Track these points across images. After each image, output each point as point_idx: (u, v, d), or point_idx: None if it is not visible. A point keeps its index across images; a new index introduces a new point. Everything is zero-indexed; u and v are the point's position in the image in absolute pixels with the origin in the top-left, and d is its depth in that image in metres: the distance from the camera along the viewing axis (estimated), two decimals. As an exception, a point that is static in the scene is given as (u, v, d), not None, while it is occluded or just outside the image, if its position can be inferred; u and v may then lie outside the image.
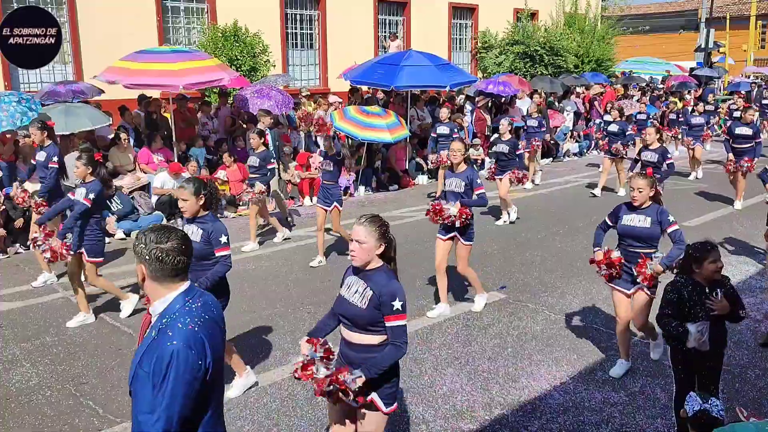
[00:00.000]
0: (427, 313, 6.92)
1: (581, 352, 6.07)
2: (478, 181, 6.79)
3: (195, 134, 12.63)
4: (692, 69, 26.92)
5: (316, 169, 12.96)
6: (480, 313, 7.00)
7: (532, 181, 14.28)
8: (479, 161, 16.00)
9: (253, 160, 9.40)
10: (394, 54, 15.48)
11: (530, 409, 5.04)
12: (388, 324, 3.40)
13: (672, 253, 5.20)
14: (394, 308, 3.38)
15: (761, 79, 27.27)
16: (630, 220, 5.44)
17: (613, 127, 13.05)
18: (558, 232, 10.34)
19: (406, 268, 8.55)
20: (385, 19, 20.06)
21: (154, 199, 11.10)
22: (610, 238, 5.77)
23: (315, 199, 8.98)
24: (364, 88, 15.92)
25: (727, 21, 31.73)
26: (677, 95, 21.54)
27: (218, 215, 11.54)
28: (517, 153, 11.20)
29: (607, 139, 13.05)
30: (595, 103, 19.33)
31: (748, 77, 26.54)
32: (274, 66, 16.06)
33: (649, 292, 5.42)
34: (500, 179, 11.05)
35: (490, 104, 17.56)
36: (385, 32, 20.00)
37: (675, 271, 4.79)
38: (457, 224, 6.63)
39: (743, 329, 6.44)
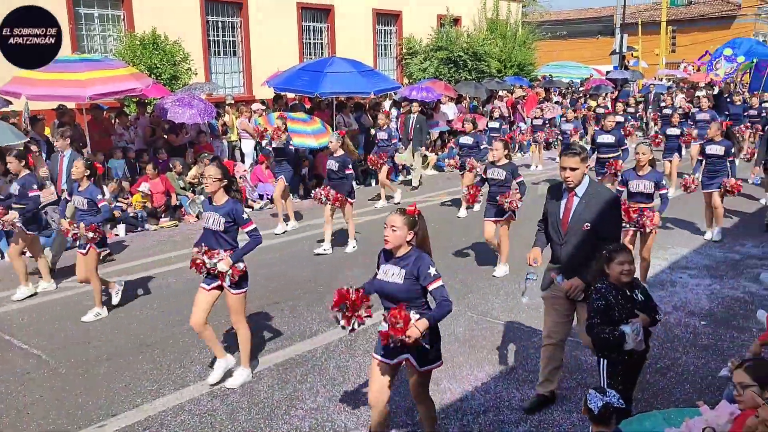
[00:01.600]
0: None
1: (502, 351, 6.17)
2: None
3: (112, 146, 12.23)
4: (608, 72, 27.99)
5: (240, 177, 12.84)
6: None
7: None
8: (401, 166, 16.18)
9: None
10: (318, 61, 15.44)
11: (452, 411, 5.09)
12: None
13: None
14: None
15: (673, 82, 28.55)
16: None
17: (467, 140, 12.17)
18: (481, 234, 10.49)
19: (337, 273, 8.54)
20: (309, 26, 19.98)
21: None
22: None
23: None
24: (290, 95, 15.81)
25: (639, 26, 33.11)
26: (595, 98, 22.32)
27: (139, 228, 11.25)
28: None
29: (456, 156, 12.53)
30: (518, 106, 19.81)
31: (661, 80, 27.75)
32: (196, 74, 15.73)
33: None
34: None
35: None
36: (309, 39, 19.93)
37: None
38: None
39: (655, 322, 6.70)
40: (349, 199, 9.52)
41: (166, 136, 13.06)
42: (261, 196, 13.14)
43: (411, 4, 22.23)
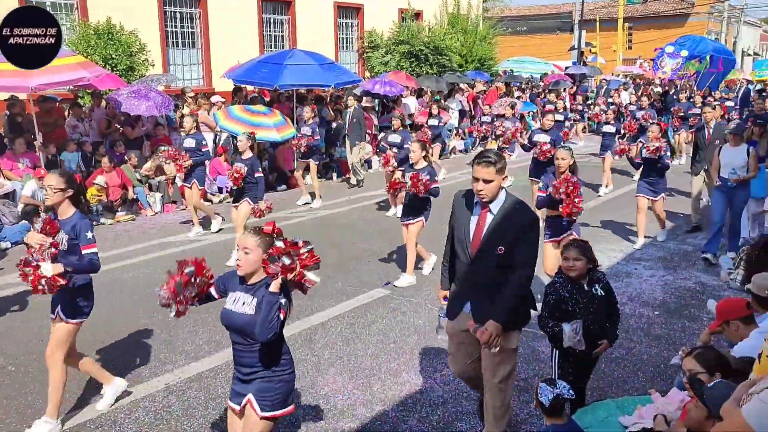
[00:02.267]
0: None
1: (461, 343, 6.21)
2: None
3: (66, 138, 11.91)
4: (567, 68, 28.39)
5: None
6: (364, 310, 7.04)
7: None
8: (366, 159, 16.14)
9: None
10: (278, 53, 15.30)
11: (411, 404, 5.10)
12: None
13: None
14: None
15: (630, 78, 29.07)
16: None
17: (395, 138, 11.63)
18: (441, 228, 10.54)
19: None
20: (270, 18, 19.78)
21: (20, 207, 10.38)
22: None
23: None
24: (250, 87, 15.62)
25: (597, 23, 33.67)
26: (554, 93, 22.61)
27: (95, 222, 10.99)
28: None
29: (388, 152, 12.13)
30: (479, 101, 19.94)
31: (618, 76, 28.24)
32: (153, 65, 15.44)
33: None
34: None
35: (377, 105, 17.74)
36: (270, 32, 19.72)
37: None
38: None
39: (610, 312, 6.82)
40: (248, 200, 8.60)
41: (122, 129, 12.77)
42: (220, 189, 12.97)
43: (373, -3, 22.20)
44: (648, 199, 9.27)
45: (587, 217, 10.94)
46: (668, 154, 9.43)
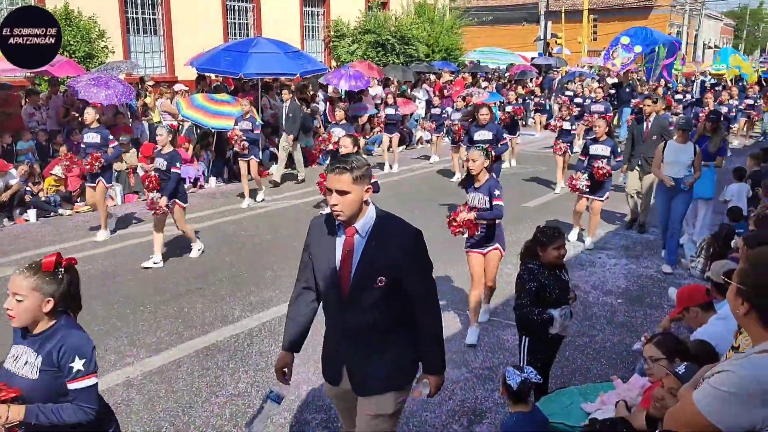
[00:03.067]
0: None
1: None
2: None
3: (22, 126, 11.58)
4: (533, 59, 28.57)
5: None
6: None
7: (391, 167, 14.67)
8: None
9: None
10: (242, 41, 15.08)
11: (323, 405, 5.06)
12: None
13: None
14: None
15: (594, 70, 29.34)
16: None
17: (338, 131, 10.50)
18: (411, 215, 10.53)
19: (256, 260, 8.39)
20: (234, 6, 19.46)
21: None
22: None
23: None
24: (213, 75, 15.38)
25: (563, 14, 33.90)
26: (520, 83, 22.74)
27: (52, 213, 10.72)
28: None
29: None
30: (445, 91, 19.94)
31: (583, 67, 28.49)
32: (114, 53, 15.08)
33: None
34: None
35: (343, 94, 17.59)
36: (234, 19, 19.41)
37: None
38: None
39: (574, 300, 6.89)
40: (178, 202, 8.13)
41: (80, 117, 12.45)
42: (183, 180, 12.73)
43: (339, -14, 21.99)
44: (590, 198, 8.72)
45: (546, 210, 11.04)
46: (616, 155, 8.68)
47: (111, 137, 9.46)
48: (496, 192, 5.78)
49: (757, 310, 2.06)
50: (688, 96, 22.10)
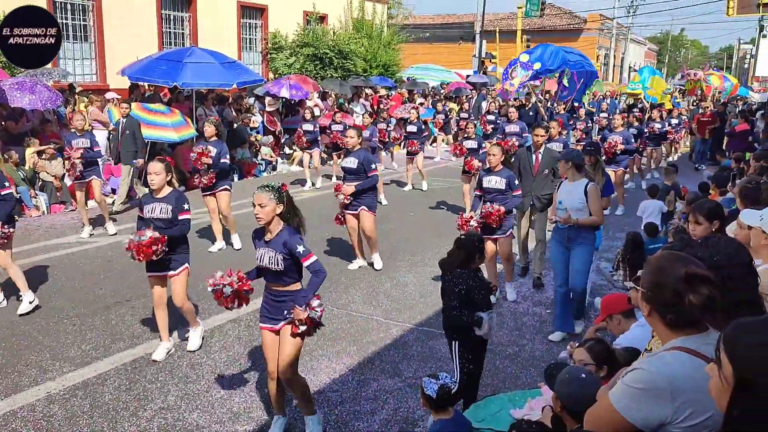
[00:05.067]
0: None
1: (361, 343, 6.22)
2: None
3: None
4: (468, 76, 29.20)
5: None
6: (263, 312, 6.91)
7: (313, 184, 14.47)
8: (273, 161, 15.99)
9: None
10: (177, 50, 14.85)
11: (308, 404, 5.04)
12: None
13: None
14: None
15: (529, 87, 30.14)
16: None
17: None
18: (342, 230, 10.56)
19: (195, 271, 8.21)
20: (169, 15, 19.13)
21: None
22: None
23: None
24: (146, 85, 15.06)
25: (497, 34, 34.83)
26: (455, 100, 23.19)
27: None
28: None
29: None
30: (382, 104, 20.14)
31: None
32: (41, 58, 14.56)
33: None
34: None
35: (280, 107, 17.55)
36: (170, 29, 19.09)
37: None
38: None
39: (504, 311, 7.05)
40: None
41: (3, 123, 11.97)
42: (113, 190, 12.40)
43: (277, -2, 21.94)
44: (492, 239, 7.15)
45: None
46: (513, 188, 7.27)
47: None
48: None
49: (655, 309, 2.19)
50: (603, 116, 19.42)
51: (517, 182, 7.31)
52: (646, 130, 15.81)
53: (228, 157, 9.18)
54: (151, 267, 5.60)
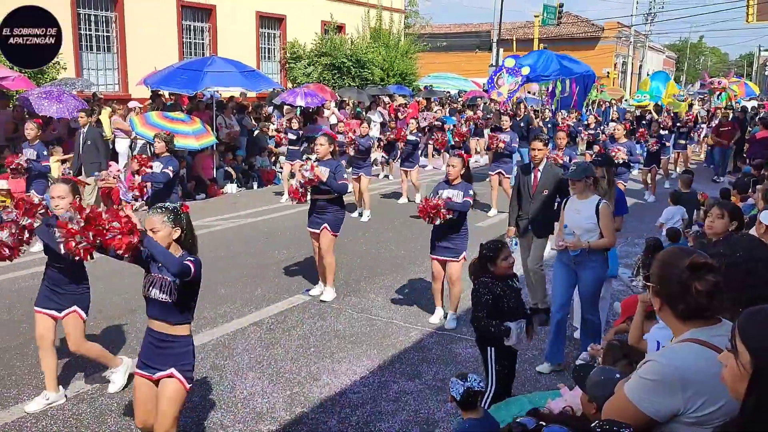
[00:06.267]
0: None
1: (381, 346, 6.28)
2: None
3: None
4: (485, 84, 29.22)
5: (114, 177, 12.27)
6: (284, 316, 7.01)
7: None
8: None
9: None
10: (197, 60, 15.08)
11: (330, 405, 5.12)
12: None
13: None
14: None
15: (540, 97, 30.13)
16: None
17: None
18: (363, 236, 10.66)
19: (210, 277, 8.33)
20: (190, 25, 19.45)
21: None
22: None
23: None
24: (167, 94, 15.30)
25: (514, 43, 34.86)
26: (473, 108, 23.22)
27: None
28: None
29: None
30: (399, 113, 20.24)
31: (533, 94, 29.29)
32: (65, 68, 14.87)
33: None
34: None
35: (297, 113, 17.69)
36: (190, 39, 19.39)
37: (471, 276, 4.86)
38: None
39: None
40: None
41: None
42: (135, 198, 12.57)
43: (295, 8, 22.19)
44: (445, 260, 6.71)
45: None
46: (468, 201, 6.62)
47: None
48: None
49: (666, 302, 2.25)
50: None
51: (471, 192, 6.62)
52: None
53: (171, 170, 8.32)
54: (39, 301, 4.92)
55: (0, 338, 6.28)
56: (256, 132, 15.68)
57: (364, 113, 19.90)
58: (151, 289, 3.67)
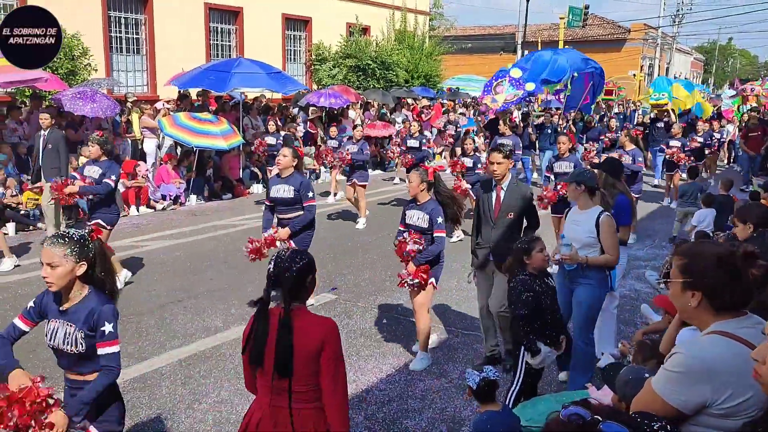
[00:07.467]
0: None
1: (407, 345, 6.32)
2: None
3: (1, 140, 11.57)
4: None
5: (143, 177, 12.47)
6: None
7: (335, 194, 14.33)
8: (317, 170, 16.23)
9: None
10: (224, 61, 15.26)
11: (357, 402, 5.17)
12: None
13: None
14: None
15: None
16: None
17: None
18: (388, 236, 10.69)
19: (238, 275, 8.46)
20: (217, 27, 19.68)
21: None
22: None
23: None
24: (194, 96, 15.50)
25: (539, 45, 34.71)
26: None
27: (31, 227, 10.67)
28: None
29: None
30: (423, 115, 20.29)
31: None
32: (96, 70, 15.15)
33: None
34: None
35: (323, 116, 17.84)
36: (217, 41, 19.62)
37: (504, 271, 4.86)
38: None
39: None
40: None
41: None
42: (164, 197, 12.78)
43: (321, 11, 22.34)
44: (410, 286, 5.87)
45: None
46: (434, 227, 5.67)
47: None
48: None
49: (706, 295, 2.23)
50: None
51: (440, 220, 5.51)
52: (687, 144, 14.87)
53: (113, 179, 7.42)
54: None
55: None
56: (283, 133, 15.79)
57: (388, 114, 19.98)
58: (55, 339, 3.19)
